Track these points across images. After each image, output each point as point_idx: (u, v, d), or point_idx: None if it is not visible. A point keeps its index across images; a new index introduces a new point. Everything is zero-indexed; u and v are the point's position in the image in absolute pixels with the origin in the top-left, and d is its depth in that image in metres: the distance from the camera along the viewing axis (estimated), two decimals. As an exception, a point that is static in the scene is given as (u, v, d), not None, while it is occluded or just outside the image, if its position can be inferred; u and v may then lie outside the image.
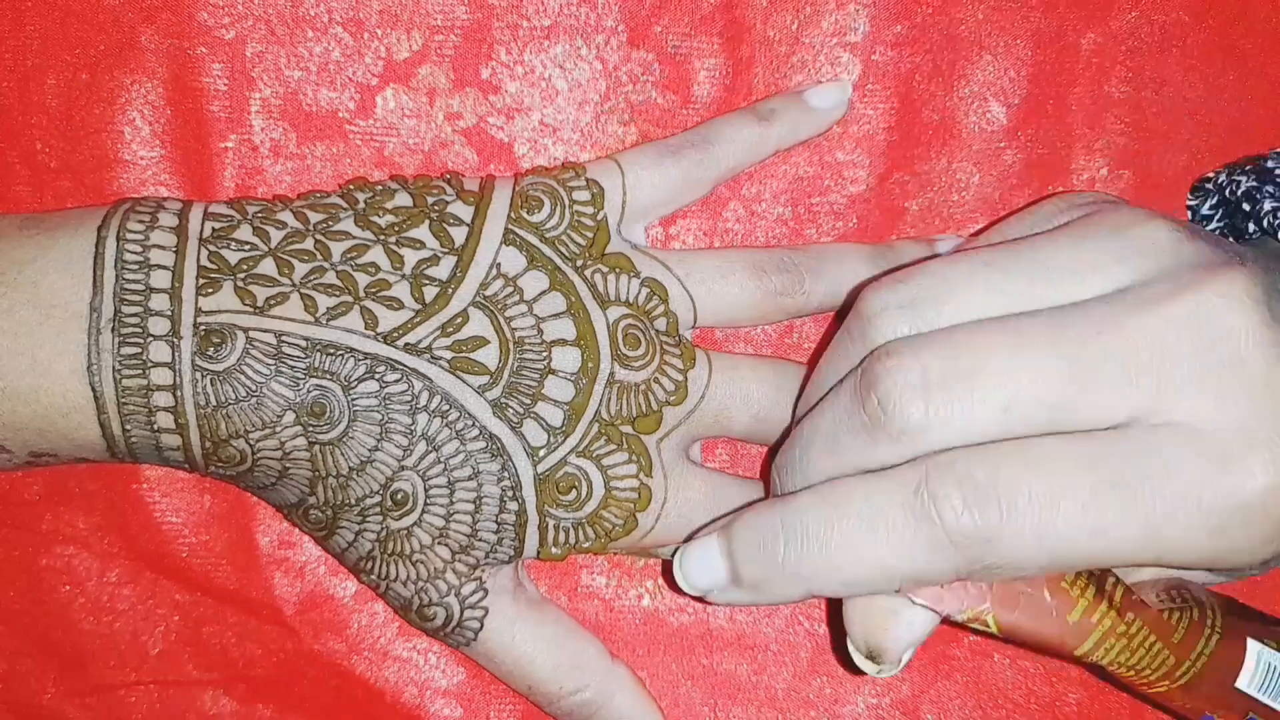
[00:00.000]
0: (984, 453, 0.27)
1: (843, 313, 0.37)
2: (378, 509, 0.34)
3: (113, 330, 0.32)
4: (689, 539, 0.32)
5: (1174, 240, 0.29)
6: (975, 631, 0.29)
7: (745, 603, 0.30)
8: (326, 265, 0.33)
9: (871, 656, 0.29)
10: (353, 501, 0.34)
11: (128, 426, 0.32)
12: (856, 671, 0.30)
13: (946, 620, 0.29)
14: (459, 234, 0.34)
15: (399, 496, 0.33)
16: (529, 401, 0.34)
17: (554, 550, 0.35)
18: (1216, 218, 0.37)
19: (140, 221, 0.33)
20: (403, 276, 0.34)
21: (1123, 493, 0.26)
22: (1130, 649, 0.29)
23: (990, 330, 0.28)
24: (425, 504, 0.34)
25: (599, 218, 0.36)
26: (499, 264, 0.34)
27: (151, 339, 0.32)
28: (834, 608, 0.36)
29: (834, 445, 0.29)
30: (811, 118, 0.37)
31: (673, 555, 0.31)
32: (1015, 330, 0.28)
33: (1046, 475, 0.26)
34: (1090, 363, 0.27)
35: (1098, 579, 0.29)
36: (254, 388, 0.32)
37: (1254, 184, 0.35)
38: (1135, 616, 0.29)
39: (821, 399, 0.30)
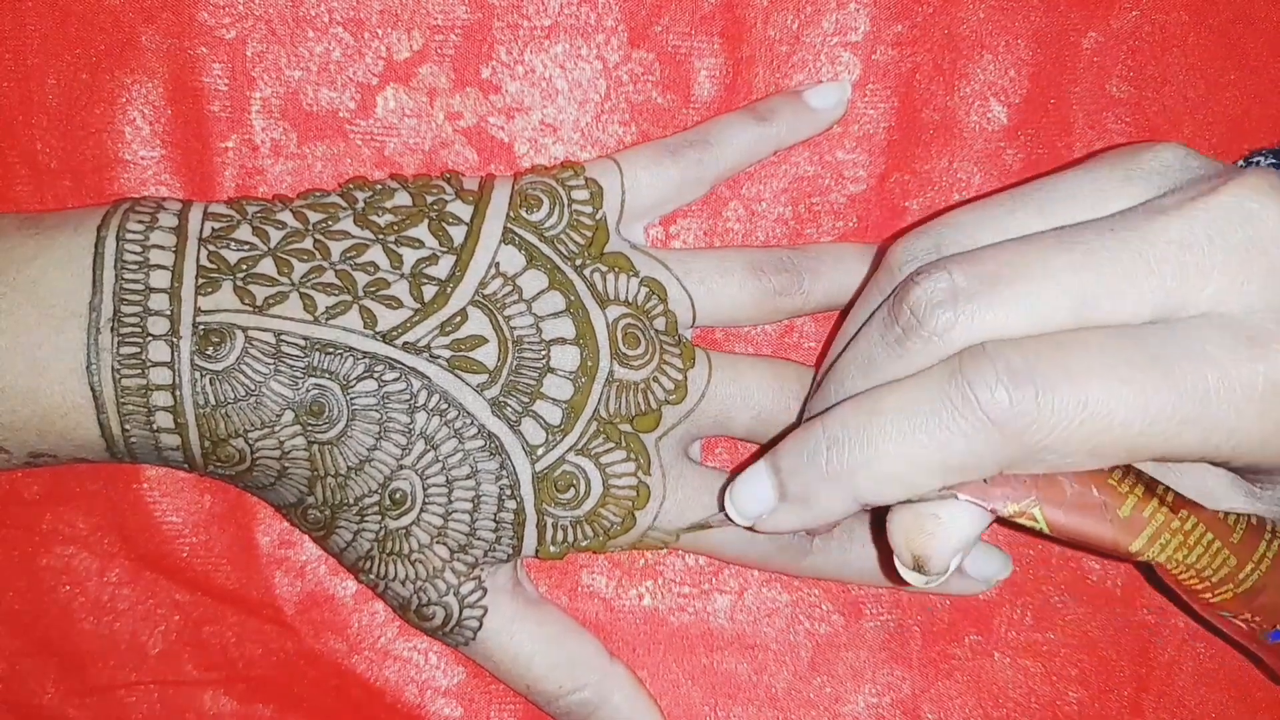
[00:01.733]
0: (1017, 342, 0.27)
1: (845, 310, 0.37)
2: (376, 508, 0.34)
3: (112, 330, 0.32)
4: (733, 476, 0.31)
5: (1182, 157, 0.29)
6: (1024, 530, 0.28)
7: (794, 525, 0.30)
8: (325, 264, 0.34)
9: (918, 567, 0.28)
10: (351, 501, 0.34)
11: (127, 426, 0.32)
12: (900, 581, 0.29)
13: (995, 518, 0.28)
14: (458, 233, 0.35)
15: (397, 495, 0.33)
16: (527, 400, 0.34)
17: (552, 549, 0.35)
18: None
19: (140, 221, 0.33)
20: (402, 275, 0.34)
21: (1163, 368, 0.26)
22: (1187, 546, 0.28)
23: (1012, 244, 0.28)
24: (424, 503, 0.34)
25: (598, 217, 0.36)
26: (498, 263, 0.34)
27: (151, 338, 0.32)
28: (879, 526, 0.35)
29: (869, 365, 0.29)
30: (811, 117, 0.37)
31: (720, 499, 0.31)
32: (1036, 241, 0.28)
33: (1082, 354, 0.26)
34: (1109, 256, 0.26)
35: (1146, 480, 0.29)
36: (253, 387, 0.32)
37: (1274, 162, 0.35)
38: (1189, 514, 0.28)
39: (850, 340, 0.31)
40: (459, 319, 0.34)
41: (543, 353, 0.34)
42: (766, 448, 0.36)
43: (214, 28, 0.37)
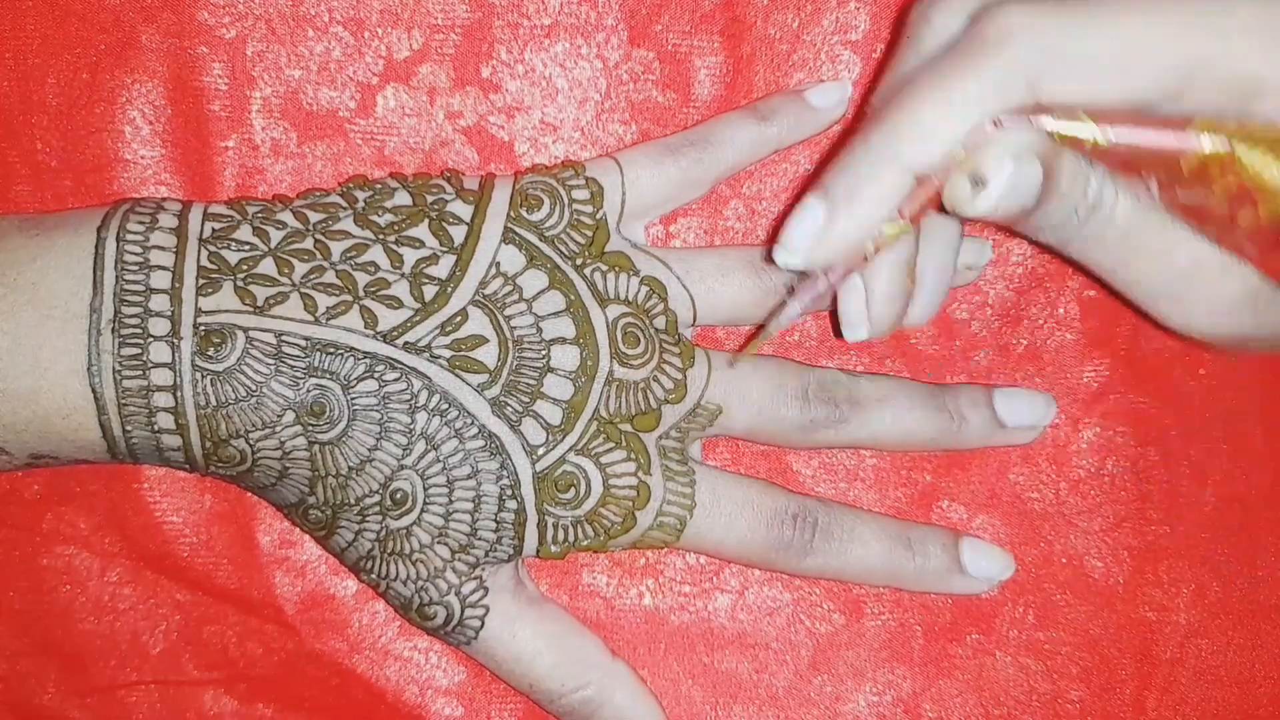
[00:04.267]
0: None
1: None
2: (377, 508, 0.34)
3: (113, 331, 0.32)
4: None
5: None
6: (1075, 145, 0.27)
7: (847, 232, 0.29)
8: (326, 264, 0.33)
9: (975, 179, 0.27)
10: (352, 501, 0.34)
11: (128, 427, 0.32)
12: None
13: (1050, 134, 0.27)
14: (458, 233, 0.34)
15: (398, 496, 0.33)
16: (528, 400, 0.34)
17: (553, 548, 0.35)
18: None
19: (140, 222, 0.33)
20: (402, 275, 0.34)
21: None
22: (1250, 137, 0.26)
23: None
24: (424, 503, 0.34)
25: (598, 216, 0.36)
26: (498, 263, 0.34)
27: (152, 339, 0.32)
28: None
29: (893, 78, 0.30)
30: (812, 116, 0.37)
31: None
32: None
33: None
34: None
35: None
36: (254, 387, 0.32)
37: None
38: (1237, 122, 0.27)
39: None
40: (459, 319, 0.34)
41: (543, 352, 0.34)
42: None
43: (214, 27, 0.37)
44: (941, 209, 0.28)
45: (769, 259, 0.30)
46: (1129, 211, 0.29)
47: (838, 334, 0.33)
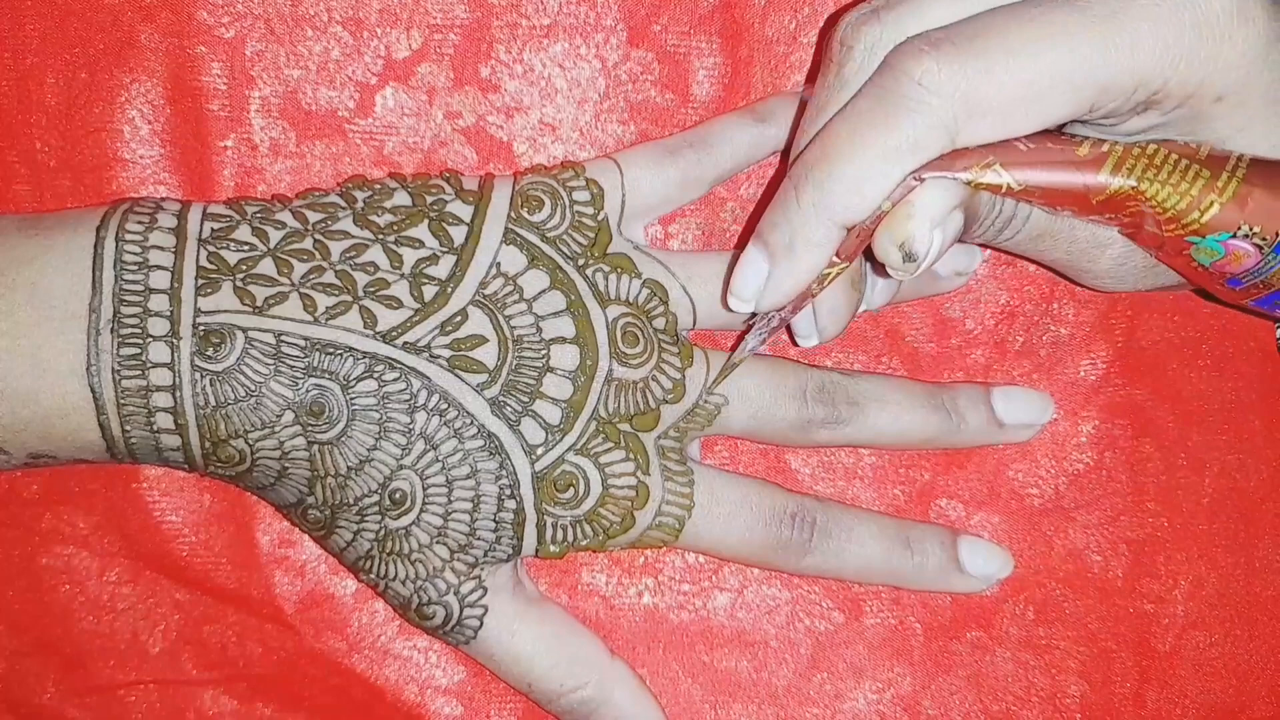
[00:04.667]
0: (936, 32, 0.28)
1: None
2: (376, 508, 0.34)
3: (112, 331, 0.32)
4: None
5: None
6: (991, 190, 0.29)
7: (790, 286, 0.31)
8: (325, 265, 0.34)
9: (906, 256, 0.29)
10: (351, 501, 0.34)
11: (127, 427, 0.32)
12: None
13: (964, 184, 0.29)
14: (458, 233, 0.35)
15: (397, 496, 0.34)
16: (527, 399, 0.34)
17: (552, 548, 0.35)
18: None
19: (139, 222, 0.33)
20: (402, 275, 0.34)
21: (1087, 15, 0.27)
22: (1155, 165, 0.28)
23: None
24: (423, 503, 0.34)
25: (600, 218, 0.36)
26: (499, 263, 0.34)
27: (151, 339, 0.32)
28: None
29: (818, 113, 0.30)
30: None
31: None
32: None
33: (1004, 15, 0.28)
34: None
35: (1093, 138, 0.29)
36: (253, 388, 0.32)
37: None
38: (1151, 144, 0.29)
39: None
40: (459, 318, 0.34)
41: (543, 352, 0.34)
42: None
43: (213, 26, 0.37)
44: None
45: (724, 300, 0.33)
46: (1042, 217, 0.32)
47: (794, 342, 0.35)
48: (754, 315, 0.33)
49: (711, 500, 0.36)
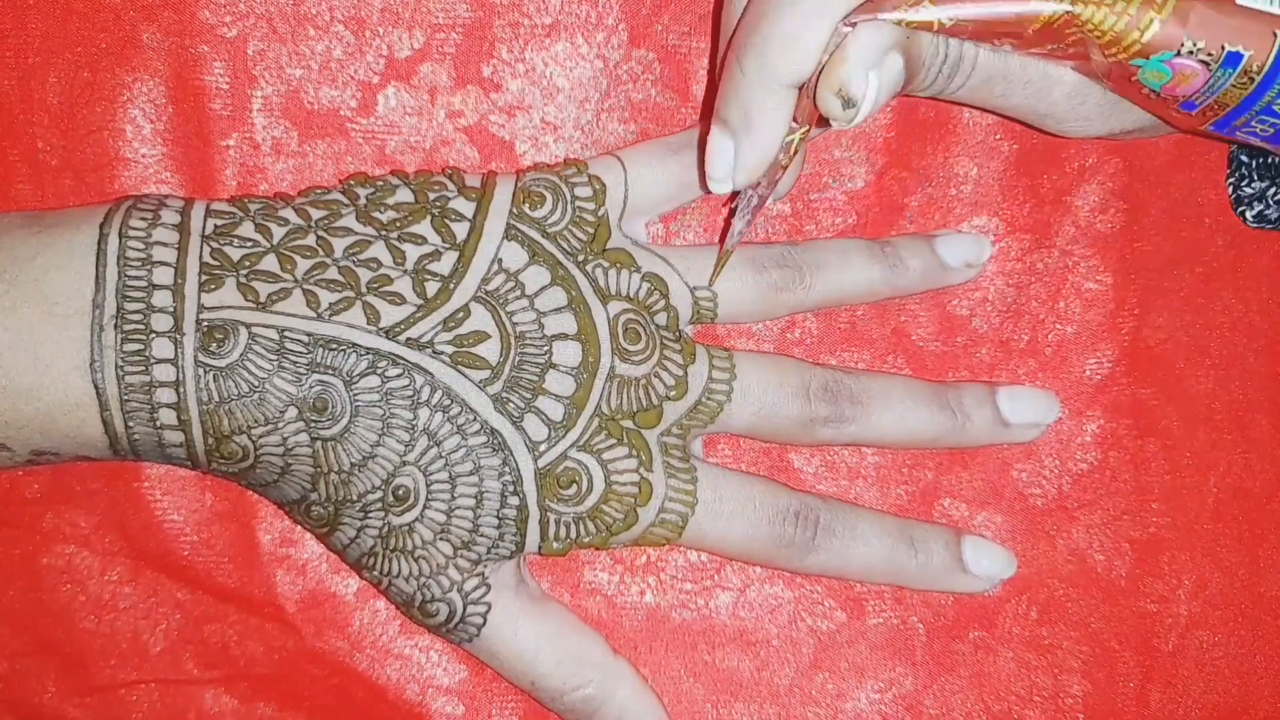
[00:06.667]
0: None
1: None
2: (379, 505, 0.34)
3: (115, 327, 0.32)
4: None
5: None
6: (924, 28, 0.29)
7: (757, 157, 0.31)
8: (329, 261, 0.34)
9: (845, 102, 0.29)
10: (354, 497, 0.34)
11: (130, 423, 0.32)
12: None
13: (898, 25, 0.28)
14: (461, 229, 0.35)
15: (400, 492, 0.33)
16: (530, 396, 0.34)
17: (555, 545, 0.35)
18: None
19: (143, 219, 0.33)
20: (405, 272, 0.34)
21: None
22: None
23: None
24: (427, 499, 0.34)
25: (600, 213, 0.36)
26: (500, 259, 0.34)
27: (154, 335, 0.32)
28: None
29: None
30: None
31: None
32: None
33: None
34: None
35: None
36: (256, 383, 0.32)
37: None
38: None
39: None
40: (462, 314, 0.34)
41: (545, 348, 0.34)
42: None
43: (215, 26, 0.37)
44: None
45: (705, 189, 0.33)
46: (990, 59, 0.32)
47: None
48: (735, 202, 0.34)
49: (715, 497, 0.36)
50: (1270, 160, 0.36)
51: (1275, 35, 0.28)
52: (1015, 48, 0.30)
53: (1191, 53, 0.28)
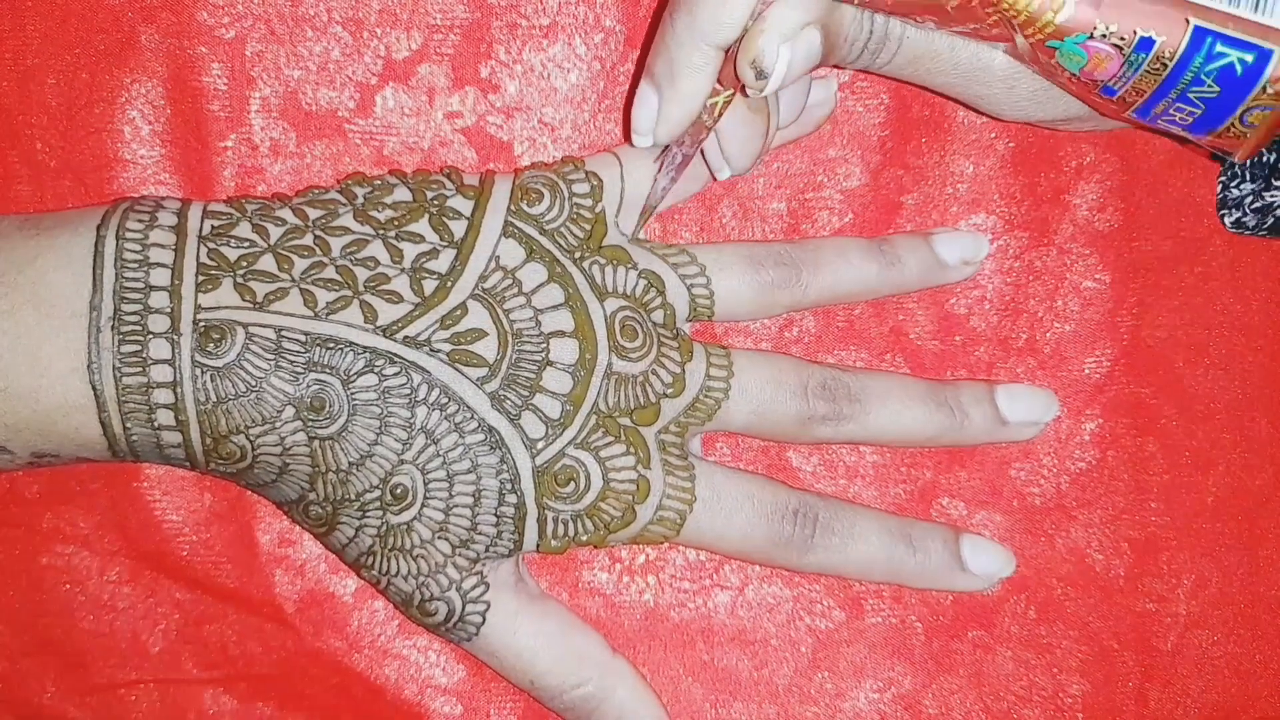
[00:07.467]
0: None
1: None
2: (377, 504, 0.34)
3: (113, 328, 0.32)
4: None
5: None
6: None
7: (680, 113, 0.33)
8: (326, 260, 0.34)
9: (756, 70, 0.30)
10: (353, 497, 0.34)
11: (128, 424, 0.32)
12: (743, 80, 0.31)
13: None
14: (458, 227, 0.35)
15: (398, 491, 0.33)
16: (527, 393, 0.34)
17: (553, 543, 0.35)
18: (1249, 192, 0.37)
19: (139, 220, 0.33)
20: (402, 270, 0.34)
21: None
22: None
23: None
24: (425, 498, 0.34)
25: (597, 210, 0.36)
26: (498, 256, 0.34)
27: (151, 336, 0.32)
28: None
29: None
30: (803, 115, 0.38)
31: None
32: None
33: None
34: None
35: None
36: (254, 383, 0.32)
37: None
38: None
39: None
40: (459, 312, 0.34)
41: (542, 346, 0.34)
42: None
43: (213, 27, 0.38)
44: None
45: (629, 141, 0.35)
46: (918, 37, 0.32)
47: (714, 178, 0.37)
48: (662, 157, 0.34)
49: (713, 495, 0.36)
50: (1264, 160, 0.36)
51: (1188, 22, 0.28)
52: (938, 24, 0.30)
53: (1105, 36, 0.28)
